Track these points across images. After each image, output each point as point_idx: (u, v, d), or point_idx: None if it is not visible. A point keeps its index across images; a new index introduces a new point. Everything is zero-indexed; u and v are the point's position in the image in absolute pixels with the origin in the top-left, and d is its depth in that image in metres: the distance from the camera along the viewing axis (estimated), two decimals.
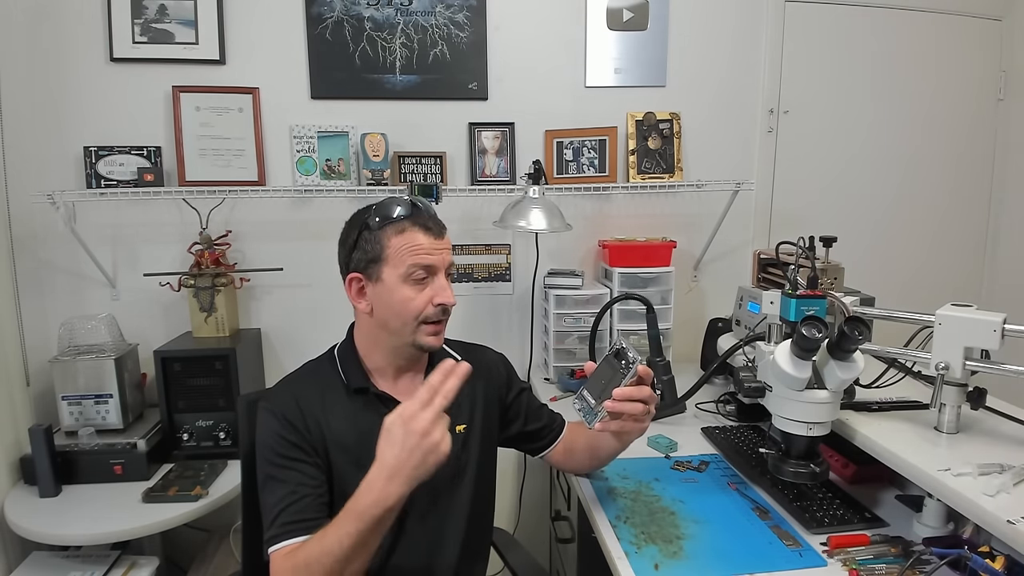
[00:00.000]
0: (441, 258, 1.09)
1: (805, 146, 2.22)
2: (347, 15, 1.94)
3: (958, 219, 2.39)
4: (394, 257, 1.06)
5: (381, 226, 1.07)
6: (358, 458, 1.06)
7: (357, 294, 1.11)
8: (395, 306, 1.07)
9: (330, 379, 1.13)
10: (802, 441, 1.17)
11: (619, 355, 1.04)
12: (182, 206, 1.91)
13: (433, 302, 1.07)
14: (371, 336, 1.13)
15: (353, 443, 1.07)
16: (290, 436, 1.03)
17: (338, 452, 1.06)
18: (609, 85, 2.10)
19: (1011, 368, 1.12)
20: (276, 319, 2.04)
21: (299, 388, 1.11)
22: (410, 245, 1.06)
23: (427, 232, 1.08)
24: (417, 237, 1.07)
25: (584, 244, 2.15)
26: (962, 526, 1.10)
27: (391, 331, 1.10)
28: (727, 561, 1.05)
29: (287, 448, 1.03)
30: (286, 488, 1.00)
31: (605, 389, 1.03)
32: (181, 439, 1.73)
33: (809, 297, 1.23)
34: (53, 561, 1.57)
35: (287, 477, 1.01)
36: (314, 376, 1.14)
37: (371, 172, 1.94)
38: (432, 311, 1.08)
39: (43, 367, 1.75)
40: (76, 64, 1.85)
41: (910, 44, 2.24)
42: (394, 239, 1.06)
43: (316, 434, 1.06)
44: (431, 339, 1.10)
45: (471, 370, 0.92)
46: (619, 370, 1.03)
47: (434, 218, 1.11)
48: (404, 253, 1.06)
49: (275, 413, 1.05)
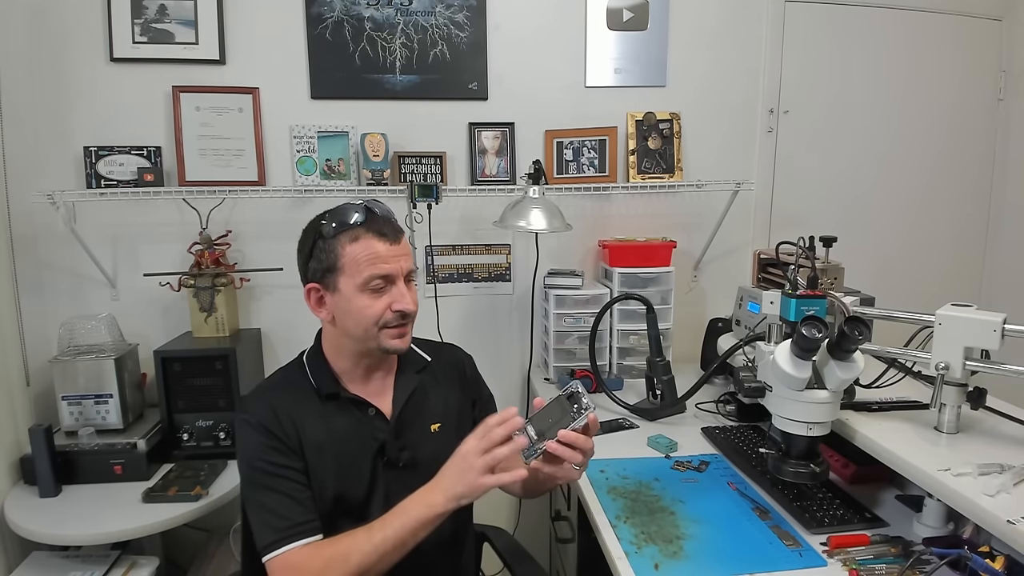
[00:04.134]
0: (398, 266, 1.06)
1: (805, 146, 2.22)
2: (347, 15, 1.94)
3: (958, 219, 2.39)
4: (350, 267, 1.04)
5: (335, 234, 1.05)
6: (334, 459, 1.07)
7: (316, 304, 1.10)
8: (354, 315, 1.05)
9: (301, 385, 1.12)
10: (802, 441, 1.17)
11: (572, 398, 1.00)
12: (182, 206, 1.91)
13: (392, 308, 1.06)
14: (336, 342, 1.13)
15: (328, 445, 1.07)
16: (273, 443, 1.04)
17: (314, 455, 1.07)
18: (609, 85, 2.10)
19: (1011, 368, 1.12)
20: (276, 319, 2.04)
21: (273, 395, 1.10)
22: (366, 254, 1.03)
23: (382, 238, 1.05)
24: (372, 245, 1.04)
25: (584, 244, 2.15)
26: (962, 526, 1.10)
27: (354, 338, 1.09)
28: (727, 561, 1.05)
29: (272, 455, 1.03)
30: (276, 495, 1.01)
31: (551, 428, 0.98)
32: (181, 439, 1.73)
33: (809, 297, 1.23)
34: (53, 561, 1.57)
35: (276, 484, 1.02)
36: (285, 383, 1.14)
37: (371, 172, 1.94)
38: (391, 316, 1.06)
39: (43, 367, 1.75)
40: (76, 64, 1.85)
41: (910, 44, 2.24)
42: (348, 247, 1.04)
43: (294, 438, 1.06)
44: (395, 342, 1.08)
45: (521, 425, 0.97)
46: (569, 412, 0.99)
47: (390, 223, 1.08)
48: (361, 263, 1.03)
49: (253, 424, 1.05)
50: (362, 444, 1.10)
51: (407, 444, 1.13)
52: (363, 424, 1.11)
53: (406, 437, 1.13)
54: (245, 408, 1.09)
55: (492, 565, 1.47)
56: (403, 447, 1.12)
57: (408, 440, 1.13)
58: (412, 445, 1.13)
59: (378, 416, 1.13)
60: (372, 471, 1.10)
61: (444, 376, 1.24)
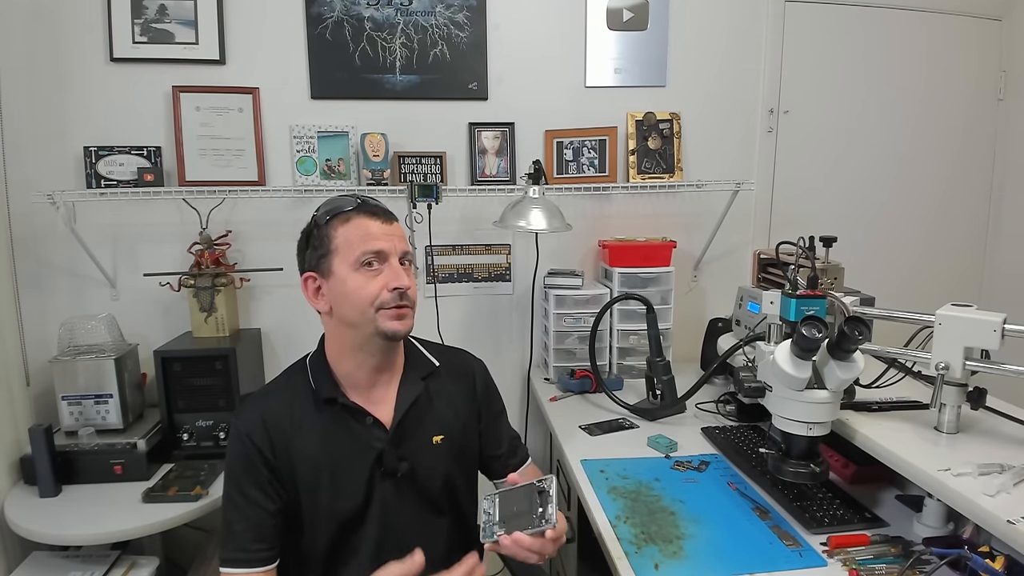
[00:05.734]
0: (391, 244, 1.05)
1: (805, 146, 2.22)
2: (347, 15, 1.94)
3: (958, 219, 2.39)
4: (343, 247, 1.04)
5: (327, 220, 1.06)
6: (328, 471, 1.07)
7: (314, 294, 1.08)
8: (349, 296, 1.03)
9: (301, 390, 1.11)
10: (802, 441, 1.17)
11: (542, 496, 0.94)
12: (182, 206, 1.91)
13: (388, 287, 1.03)
14: (337, 339, 1.10)
15: (322, 457, 1.06)
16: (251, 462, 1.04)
17: (306, 469, 1.06)
18: (609, 85, 2.10)
19: (1011, 368, 1.12)
20: (276, 319, 2.04)
21: (269, 403, 1.09)
22: (358, 233, 1.04)
23: (374, 218, 1.06)
24: (364, 224, 1.05)
25: (584, 244, 2.15)
26: (962, 526, 1.10)
27: (352, 325, 1.05)
28: (727, 561, 1.05)
29: (244, 479, 1.04)
30: (242, 515, 1.04)
31: (513, 518, 0.94)
32: (181, 439, 1.73)
33: (809, 297, 1.23)
34: (53, 561, 1.57)
35: (243, 505, 1.04)
36: (287, 387, 1.12)
37: (371, 172, 1.94)
38: (388, 296, 1.03)
39: (43, 367, 1.75)
40: (76, 64, 1.85)
41: (910, 44, 2.24)
42: (341, 228, 1.05)
43: (282, 457, 1.05)
44: (394, 323, 1.04)
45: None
46: (534, 513, 0.93)
47: (382, 207, 1.09)
48: (353, 242, 1.03)
49: (241, 436, 1.05)
50: (359, 453, 1.08)
51: (406, 454, 1.10)
52: (360, 433, 1.09)
53: (406, 447, 1.11)
54: (239, 413, 1.10)
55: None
56: (402, 457, 1.10)
57: (407, 450, 1.11)
58: (411, 455, 1.11)
59: (376, 425, 1.09)
60: (369, 481, 1.08)
61: (452, 383, 1.19)
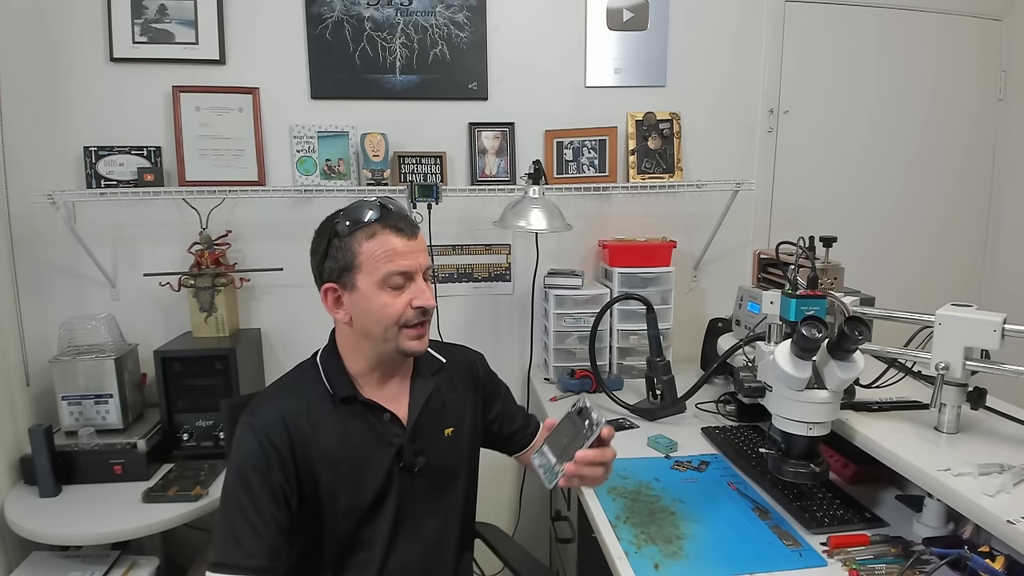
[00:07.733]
0: (416, 261, 1.05)
1: (805, 146, 2.22)
2: (347, 15, 1.94)
3: (958, 219, 2.39)
4: (368, 264, 1.02)
5: (351, 232, 1.03)
6: (348, 468, 1.07)
7: (334, 304, 1.08)
8: (374, 314, 1.04)
9: (315, 388, 1.10)
10: (802, 441, 1.17)
11: (582, 414, 0.99)
12: (182, 206, 1.91)
13: (412, 305, 1.04)
14: (353, 344, 1.10)
15: (342, 455, 1.06)
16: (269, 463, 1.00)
17: (325, 467, 1.05)
18: (609, 85, 2.10)
19: (1011, 368, 1.12)
20: (276, 319, 2.04)
21: (285, 402, 1.07)
22: (383, 250, 1.02)
23: (399, 234, 1.04)
24: (390, 241, 1.03)
25: (584, 244, 2.15)
26: (962, 526, 1.10)
27: (373, 339, 1.07)
28: (727, 561, 1.05)
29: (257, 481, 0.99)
30: (245, 517, 0.98)
31: (567, 449, 0.99)
32: (181, 439, 1.73)
33: (809, 297, 1.23)
34: (53, 561, 1.57)
35: (248, 507, 0.98)
36: (299, 385, 1.11)
37: (371, 172, 1.94)
38: (412, 314, 1.05)
39: (43, 367, 1.75)
40: (76, 64, 1.85)
41: (910, 44, 2.24)
42: (366, 244, 1.02)
43: (302, 455, 1.03)
44: (414, 343, 1.07)
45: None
46: (582, 430, 0.98)
47: (406, 218, 1.07)
48: (378, 260, 1.02)
49: (257, 434, 1.01)
50: (378, 450, 1.09)
51: (422, 449, 1.12)
52: (378, 429, 1.10)
53: (421, 442, 1.13)
54: (254, 411, 1.05)
55: (492, 565, 1.47)
56: (419, 452, 1.12)
57: (423, 445, 1.13)
58: (427, 450, 1.13)
59: (393, 421, 1.11)
60: (387, 476, 1.09)
61: (458, 378, 1.23)
